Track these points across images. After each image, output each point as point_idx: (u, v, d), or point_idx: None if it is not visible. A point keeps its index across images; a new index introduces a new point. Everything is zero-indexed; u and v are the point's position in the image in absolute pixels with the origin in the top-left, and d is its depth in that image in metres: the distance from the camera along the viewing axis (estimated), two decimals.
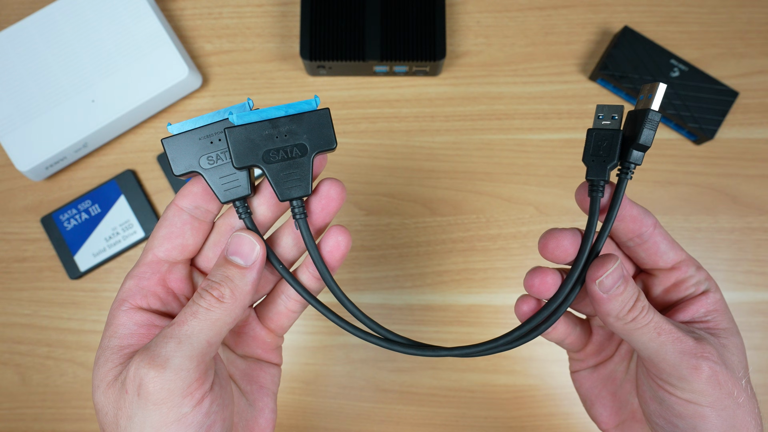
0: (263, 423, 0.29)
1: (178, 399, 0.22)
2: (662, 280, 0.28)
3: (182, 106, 0.55)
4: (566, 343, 0.31)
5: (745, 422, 0.25)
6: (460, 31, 0.56)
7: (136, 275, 0.25)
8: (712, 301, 0.27)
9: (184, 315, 0.23)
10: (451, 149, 0.55)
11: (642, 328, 0.25)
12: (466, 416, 0.53)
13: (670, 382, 0.25)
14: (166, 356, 0.22)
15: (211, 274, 0.25)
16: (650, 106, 0.24)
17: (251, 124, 0.24)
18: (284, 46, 0.56)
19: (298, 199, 0.25)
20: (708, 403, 0.24)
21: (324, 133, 0.25)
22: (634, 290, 0.25)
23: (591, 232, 0.25)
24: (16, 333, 0.53)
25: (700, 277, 0.27)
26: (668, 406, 0.26)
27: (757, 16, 0.55)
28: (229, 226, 0.27)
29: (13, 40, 0.51)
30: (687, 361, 0.24)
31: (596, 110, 0.26)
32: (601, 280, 0.24)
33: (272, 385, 0.30)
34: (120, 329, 0.24)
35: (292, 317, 0.30)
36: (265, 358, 0.30)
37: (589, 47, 0.55)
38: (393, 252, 0.54)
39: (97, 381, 0.24)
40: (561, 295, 0.26)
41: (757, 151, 0.54)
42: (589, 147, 0.25)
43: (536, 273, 0.27)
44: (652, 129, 0.24)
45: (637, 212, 0.26)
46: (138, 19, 0.52)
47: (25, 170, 0.51)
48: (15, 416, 0.53)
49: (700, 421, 0.25)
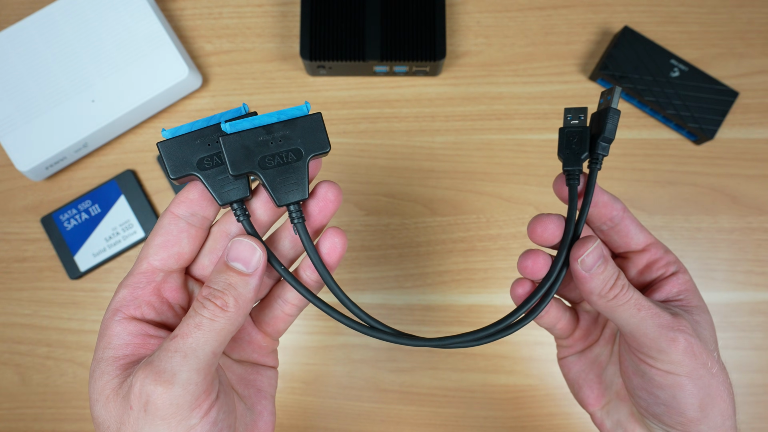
0: (263, 426, 0.29)
1: (187, 412, 0.22)
2: (635, 263, 0.30)
3: (182, 106, 0.55)
4: (557, 328, 0.33)
5: (719, 391, 0.27)
6: (460, 31, 0.56)
7: (130, 284, 0.25)
8: (682, 281, 0.29)
9: (188, 327, 0.23)
10: (451, 149, 0.55)
11: (623, 305, 0.27)
12: (466, 416, 0.53)
13: (650, 355, 0.27)
14: (172, 371, 0.22)
15: (211, 281, 0.24)
16: (611, 105, 0.27)
17: (246, 131, 0.24)
18: (284, 46, 0.56)
19: (295, 203, 0.25)
20: (685, 373, 0.26)
21: (318, 137, 0.25)
22: (614, 269, 0.27)
23: (573, 215, 0.28)
24: (16, 333, 0.53)
25: (670, 258, 0.30)
26: (649, 378, 0.27)
27: (757, 16, 0.55)
28: (225, 232, 0.27)
29: (13, 40, 0.51)
30: (665, 334, 0.26)
31: (564, 112, 0.29)
32: (582, 259, 0.26)
33: (270, 388, 0.30)
34: (114, 340, 0.24)
35: (289, 321, 0.30)
36: (262, 361, 0.30)
37: (589, 47, 0.56)
38: (393, 252, 0.54)
39: (95, 394, 0.23)
40: (552, 274, 0.28)
41: (757, 151, 0.54)
42: (562, 142, 0.28)
43: (529, 255, 0.28)
44: (614, 124, 0.27)
45: (607, 198, 0.28)
46: (138, 19, 0.52)
47: (25, 170, 0.51)
48: (15, 416, 0.53)
49: (679, 391, 0.27)
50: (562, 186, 0.29)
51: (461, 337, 0.27)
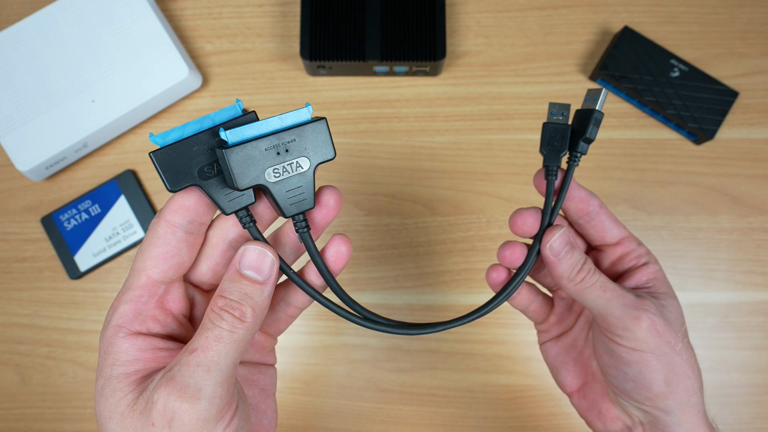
0: (267, 423, 0.29)
1: (212, 425, 0.22)
2: (609, 255, 0.32)
3: (182, 106, 0.55)
4: (531, 310, 0.35)
5: (683, 369, 0.29)
6: (460, 31, 0.56)
7: (132, 299, 0.24)
8: (652, 271, 0.31)
9: (207, 340, 0.22)
10: (451, 149, 0.55)
11: (590, 287, 0.29)
12: (466, 416, 0.53)
13: (617, 333, 0.29)
14: (197, 386, 0.21)
15: (225, 290, 0.23)
16: (595, 107, 0.28)
17: (250, 141, 0.23)
18: (284, 46, 0.56)
19: (301, 213, 0.25)
20: (649, 350, 0.28)
21: (323, 144, 0.24)
22: (581, 255, 0.29)
23: (548, 208, 0.30)
24: (16, 333, 0.53)
25: (641, 251, 0.32)
26: (618, 356, 0.29)
27: (757, 16, 0.55)
28: (221, 237, 0.26)
29: (13, 40, 0.51)
30: (629, 313, 0.28)
31: (549, 107, 0.30)
32: (550, 244, 0.29)
33: (271, 386, 0.30)
34: (122, 356, 0.23)
35: (290, 322, 0.30)
36: (263, 360, 0.30)
37: (589, 47, 0.55)
38: (393, 252, 0.54)
39: (107, 412, 0.23)
40: (528, 261, 0.30)
41: (757, 151, 0.54)
42: (545, 138, 0.30)
43: (507, 246, 0.31)
44: (597, 126, 0.29)
45: (584, 193, 0.30)
46: (138, 19, 0.52)
47: (25, 170, 0.51)
48: (15, 416, 0.53)
49: (644, 366, 0.29)
50: (541, 180, 0.30)
51: (446, 323, 0.29)
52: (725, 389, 0.52)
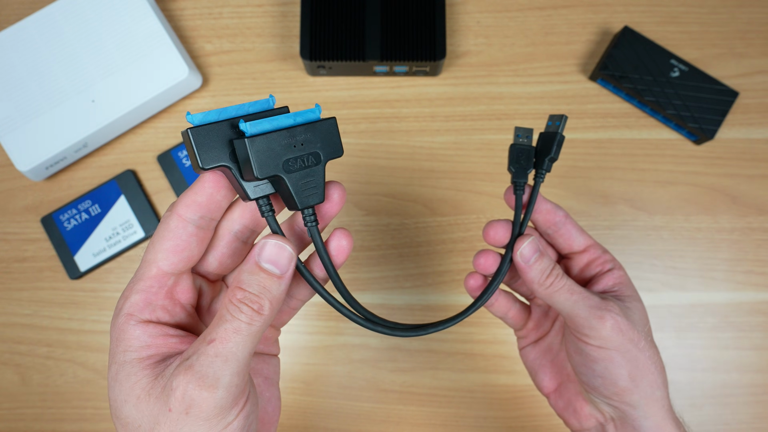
0: (272, 411, 0.31)
1: (227, 411, 0.23)
2: (577, 262, 0.35)
3: (182, 106, 0.55)
4: (509, 317, 0.38)
5: (646, 365, 0.31)
6: (460, 31, 0.56)
7: (143, 289, 0.25)
8: (617, 276, 0.34)
9: (226, 332, 0.23)
10: (451, 149, 0.55)
11: (559, 291, 0.31)
12: (466, 416, 0.53)
13: (584, 332, 0.31)
14: (215, 376, 0.22)
15: (243, 282, 0.24)
16: (559, 131, 0.32)
17: (271, 133, 0.24)
18: (284, 46, 0.56)
19: (312, 206, 0.26)
20: (614, 347, 0.31)
21: (333, 142, 0.26)
22: (549, 261, 0.32)
23: (518, 220, 0.33)
24: (16, 333, 0.53)
25: (606, 257, 0.34)
26: (586, 354, 0.32)
27: (757, 16, 0.55)
28: (227, 229, 0.27)
29: (13, 40, 0.51)
30: (594, 313, 0.31)
31: (515, 131, 0.34)
32: (521, 251, 0.32)
33: (275, 375, 0.31)
34: (134, 342, 0.24)
35: (293, 313, 0.31)
36: (266, 351, 0.31)
37: (589, 47, 0.55)
38: (393, 252, 0.54)
39: (123, 396, 0.24)
40: (501, 268, 0.33)
41: (757, 151, 0.54)
42: (513, 158, 0.33)
43: (482, 254, 0.33)
44: (560, 147, 0.33)
45: (550, 206, 0.33)
46: (138, 19, 0.52)
47: (25, 170, 0.51)
48: (15, 416, 0.53)
49: (610, 363, 0.31)
50: (511, 195, 0.33)
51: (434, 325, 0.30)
52: (725, 389, 0.52)
